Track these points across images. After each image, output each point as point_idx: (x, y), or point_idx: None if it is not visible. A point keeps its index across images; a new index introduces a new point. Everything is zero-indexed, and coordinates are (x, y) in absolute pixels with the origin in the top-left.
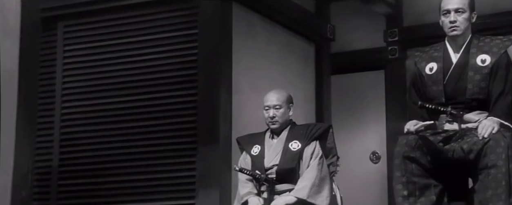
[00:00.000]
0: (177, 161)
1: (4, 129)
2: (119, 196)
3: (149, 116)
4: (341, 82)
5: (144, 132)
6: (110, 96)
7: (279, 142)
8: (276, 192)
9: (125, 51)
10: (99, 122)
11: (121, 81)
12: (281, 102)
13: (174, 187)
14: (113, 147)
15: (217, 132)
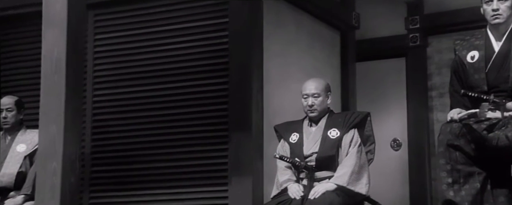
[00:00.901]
0: (209, 148)
1: (53, 117)
2: (153, 183)
3: (182, 104)
4: (363, 70)
5: (176, 120)
6: (142, 85)
7: (318, 130)
8: (316, 179)
9: (156, 40)
10: (132, 110)
11: (153, 69)
12: (320, 90)
13: (206, 174)
14: (147, 135)
15: (249, 120)
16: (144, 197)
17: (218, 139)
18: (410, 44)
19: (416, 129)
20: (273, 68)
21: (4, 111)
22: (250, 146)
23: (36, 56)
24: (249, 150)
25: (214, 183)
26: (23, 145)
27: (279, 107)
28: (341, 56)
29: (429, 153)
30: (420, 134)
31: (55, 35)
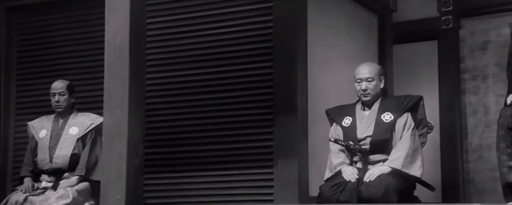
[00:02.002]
0: (255, 131)
1: (117, 101)
2: (200, 165)
3: (228, 88)
4: (396, 52)
5: (223, 103)
6: (190, 69)
7: (371, 114)
8: (370, 162)
9: (202, 25)
10: (180, 94)
11: (199, 53)
12: (373, 74)
13: (252, 157)
14: (195, 118)
15: (294, 103)
16: (192, 179)
17: (263, 123)
18: (443, 26)
19: (448, 112)
20: (315, 51)
21: (57, 95)
22: (296, 129)
23: (85, 40)
24: (294, 133)
25: (259, 166)
26: (76, 128)
27: (322, 90)
28: (379, 39)
29: (461, 135)
30: (452, 117)
31: (118, 22)
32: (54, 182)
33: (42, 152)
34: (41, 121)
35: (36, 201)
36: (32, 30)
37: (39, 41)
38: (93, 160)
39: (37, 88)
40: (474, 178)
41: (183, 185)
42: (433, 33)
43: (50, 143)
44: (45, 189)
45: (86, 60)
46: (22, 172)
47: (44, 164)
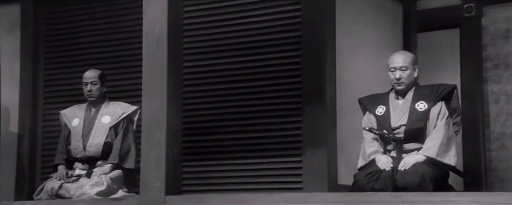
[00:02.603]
0: (283, 120)
1: (156, 91)
2: (231, 153)
3: (256, 77)
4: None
5: (252, 92)
6: (220, 58)
7: (405, 102)
8: (404, 151)
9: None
10: (212, 83)
11: (229, 43)
12: (408, 63)
13: (281, 146)
14: (226, 107)
15: (323, 92)
16: (223, 167)
17: (292, 112)
18: (465, 14)
19: (470, 100)
20: (342, 40)
21: (89, 84)
22: (324, 118)
23: (113, 29)
24: (323, 122)
25: (288, 155)
26: (108, 117)
27: (349, 79)
28: (403, 27)
29: (483, 124)
30: (474, 105)
31: (156, 12)
32: (87, 170)
33: (76, 140)
34: (73, 110)
35: (71, 188)
36: (59, 20)
37: (66, 31)
38: (126, 148)
39: (65, 77)
40: (496, 167)
41: (214, 173)
42: (456, 21)
43: (83, 132)
44: (79, 177)
45: (113, 50)
46: (56, 160)
47: (77, 152)
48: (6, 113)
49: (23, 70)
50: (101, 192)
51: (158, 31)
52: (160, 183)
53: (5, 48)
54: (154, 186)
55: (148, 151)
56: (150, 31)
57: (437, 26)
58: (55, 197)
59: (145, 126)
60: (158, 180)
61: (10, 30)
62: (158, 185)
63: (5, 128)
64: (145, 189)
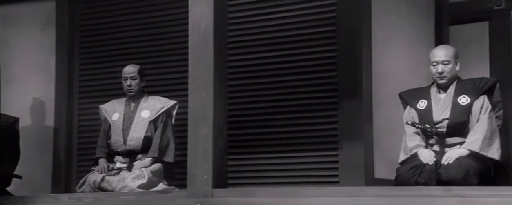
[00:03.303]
0: (319, 114)
1: (202, 85)
2: (267, 147)
3: (292, 71)
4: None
5: (288, 86)
6: (255, 52)
7: (448, 96)
8: (447, 145)
9: (267, 9)
10: (249, 77)
11: (265, 37)
12: (450, 57)
13: (317, 140)
14: (262, 101)
15: (359, 86)
16: (259, 160)
17: (328, 106)
18: (495, 7)
19: None
20: (377, 34)
21: (129, 79)
22: (360, 111)
23: (147, 25)
24: (359, 115)
25: (324, 148)
26: (147, 111)
27: (383, 73)
28: (435, 20)
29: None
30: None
31: (202, 8)
32: (128, 163)
33: (116, 134)
34: (112, 104)
35: (112, 181)
36: (94, 15)
37: (100, 27)
38: (165, 142)
39: (99, 72)
40: None
41: (250, 167)
42: (485, 13)
43: (123, 126)
44: (120, 170)
45: (148, 45)
46: (97, 153)
47: (118, 146)
48: (41, 108)
49: (59, 65)
50: (142, 185)
51: (204, 26)
52: (208, 176)
53: (41, 44)
54: (201, 179)
55: (195, 145)
56: (195, 26)
57: (467, 19)
58: (97, 190)
59: (191, 120)
60: (205, 173)
61: (45, 26)
62: (205, 178)
63: (40, 122)
64: (192, 182)
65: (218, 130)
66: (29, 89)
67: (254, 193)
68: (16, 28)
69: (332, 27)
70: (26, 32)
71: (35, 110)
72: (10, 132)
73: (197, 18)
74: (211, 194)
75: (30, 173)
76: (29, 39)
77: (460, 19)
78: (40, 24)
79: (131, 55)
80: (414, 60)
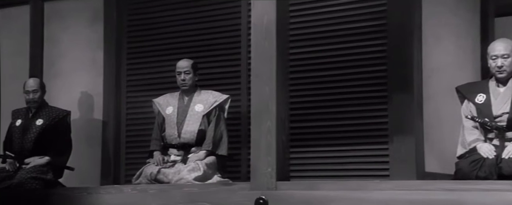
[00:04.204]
0: (369, 108)
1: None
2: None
3: (343, 65)
4: None
5: (339, 80)
6: (306, 46)
7: (507, 90)
8: (507, 139)
9: (317, 2)
10: (301, 71)
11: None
12: (509, 51)
13: (368, 133)
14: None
15: (410, 80)
16: (309, 153)
17: (378, 100)
18: None
19: None
20: (427, 27)
21: (182, 73)
22: (411, 105)
23: (196, 19)
24: (410, 109)
25: (374, 142)
26: (201, 105)
27: (432, 66)
28: (481, 12)
29: None
30: None
31: (265, 3)
32: (182, 156)
33: (170, 127)
34: (166, 98)
35: (168, 173)
36: (141, 11)
37: (147, 21)
38: (218, 135)
39: (146, 66)
40: None
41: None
42: None
43: (177, 119)
44: (175, 162)
45: (194, 39)
46: (152, 146)
47: (172, 139)
48: (89, 101)
49: (107, 59)
50: (198, 177)
51: (267, 22)
52: (271, 169)
53: (88, 39)
54: (265, 172)
55: (258, 139)
56: (258, 22)
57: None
58: (154, 182)
59: (254, 114)
60: (268, 166)
61: (92, 22)
62: (269, 171)
63: (89, 116)
64: (255, 175)
65: (281, 124)
66: (77, 83)
67: (318, 186)
68: (65, 23)
69: (382, 21)
70: (74, 27)
71: (83, 103)
72: (62, 125)
73: (260, 14)
74: (275, 187)
75: (79, 165)
76: (77, 34)
77: (506, 11)
78: (88, 19)
79: (178, 49)
80: (461, 53)
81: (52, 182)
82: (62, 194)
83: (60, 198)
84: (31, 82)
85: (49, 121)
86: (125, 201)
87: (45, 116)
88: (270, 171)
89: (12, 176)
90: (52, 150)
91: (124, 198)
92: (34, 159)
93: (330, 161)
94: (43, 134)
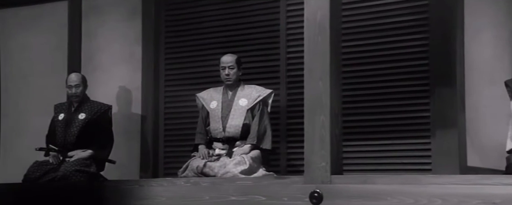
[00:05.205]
0: (411, 102)
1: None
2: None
3: (385, 59)
4: None
5: (380, 74)
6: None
7: None
8: None
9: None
10: (347, 65)
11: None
12: None
13: (410, 127)
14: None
15: (453, 74)
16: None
17: (420, 94)
18: None
19: None
20: (468, 21)
21: (227, 68)
22: (454, 99)
23: (242, 13)
24: (452, 103)
25: (417, 136)
26: (245, 100)
27: (474, 59)
28: None
29: None
30: None
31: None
32: (227, 150)
33: (215, 122)
34: (209, 93)
35: (214, 166)
36: (179, 5)
37: (185, 16)
38: (262, 130)
39: (184, 60)
40: None
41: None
42: None
43: (222, 114)
44: (220, 156)
45: (231, 34)
46: (196, 140)
47: (217, 133)
48: (128, 95)
49: (145, 54)
50: (244, 171)
51: (320, 17)
52: (325, 163)
53: (126, 33)
54: (319, 166)
55: (312, 133)
56: (311, 17)
57: None
58: (200, 175)
59: (308, 109)
60: (323, 160)
61: (130, 17)
62: (323, 165)
63: (127, 110)
64: (309, 169)
65: (334, 118)
66: (115, 78)
67: (373, 180)
68: (102, 18)
69: (424, 15)
70: (112, 22)
71: (121, 98)
72: (104, 119)
73: (314, 9)
74: (330, 181)
75: (119, 158)
76: (115, 29)
77: None
78: (125, 15)
79: (215, 44)
80: (500, 46)
81: (95, 175)
82: (114, 186)
83: (112, 190)
84: (74, 77)
85: (92, 115)
86: (178, 194)
87: (87, 110)
88: (324, 165)
89: (56, 169)
90: (94, 144)
91: (177, 190)
92: (77, 152)
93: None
94: (85, 128)
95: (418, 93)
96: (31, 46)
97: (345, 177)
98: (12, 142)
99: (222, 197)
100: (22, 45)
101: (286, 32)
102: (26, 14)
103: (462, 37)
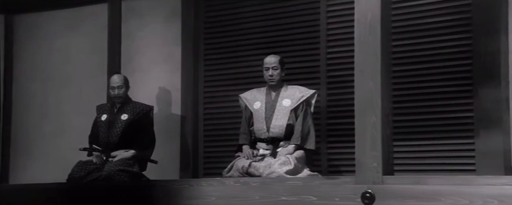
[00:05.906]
0: (455, 102)
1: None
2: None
3: (427, 59)
4: None
5: (423, 74)
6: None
7: None
8: None
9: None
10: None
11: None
12: None
13: (453, 128)
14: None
15: (497, 73)
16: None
17: (463, 94)
18: None
19: None
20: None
21: (270, 69)
22: (498, 99)
23: (282, 14)
24: (496, 103)
25: (460, 136)
26: (288, 100)
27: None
28: None
29: None
30: None
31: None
32: (271, 150)
33: (259, 122)
34: (252, 93)
35: (259, 166)
36: (218, 7)
37: (224, 18)
38: (306, 130)
39: (223, 62)
40: None
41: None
42: None
43: (265, 114)
44: (264, 156)
45: (271, 35)
46: (241, 140)
47: (261, 134)
48: (167, 96)
49: (185, 55)
50: (289, 171)
51: (371, 17)
52: (377, 164)
53: (165, 35)
54: (370, 166)
55: (363, 134)
56: (362, 18)
57: None
58: (245, 175)
59: (358, 109)
60: (374, 161)
61: (169, 19)
62: (374, 165)
63: (167, 110)
64: (361, 169)
65: (385, 118)
66: (155, 79)
67: (425, 181)
68: (142, 20)
69: (467, 15)
70: (151, 24)
71: (161, 99)
72: (146, 119)
73: (364, 10)
74: (381, 181)
75: (159, 158)
76: (154, 31)
77: None
78: (164, 16)
79: (255, 45)
80: None
81: (138, 174)
82: (163, 186)
83: (162, 190)
84: (116, 78)
85: (134, 116)
86: (228, 194)
87: (129, 111)
88: (375, 165)
89: (100, 169)
90: (137, 144)
91: (226, 190)
92: (120, 152)
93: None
94: (128, 128)
95: (462, 93)
96: (72, 48)
97: (396, 177)
98: (56, 143)
99: (272, 197)
100: (63, 47)
101: (326, 32)
102: (66, 16)
103: (506, 37)
